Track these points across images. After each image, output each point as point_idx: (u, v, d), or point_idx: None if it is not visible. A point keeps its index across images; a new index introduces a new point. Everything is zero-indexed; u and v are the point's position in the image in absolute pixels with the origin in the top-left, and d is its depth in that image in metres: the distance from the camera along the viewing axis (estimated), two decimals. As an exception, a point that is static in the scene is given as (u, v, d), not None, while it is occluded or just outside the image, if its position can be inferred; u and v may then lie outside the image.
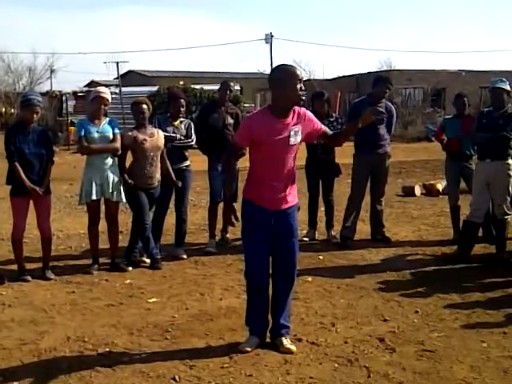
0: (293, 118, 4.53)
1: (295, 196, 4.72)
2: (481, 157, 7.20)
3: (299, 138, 4.58)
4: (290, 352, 4.57)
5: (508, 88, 7.03)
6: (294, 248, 4.73)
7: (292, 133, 4.51)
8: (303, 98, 4.52)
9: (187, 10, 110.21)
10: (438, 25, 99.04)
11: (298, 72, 4.50)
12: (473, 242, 7.25)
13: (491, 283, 6.30)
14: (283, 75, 4.47)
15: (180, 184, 7.26)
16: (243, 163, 5.77)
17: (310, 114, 4.70)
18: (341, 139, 5.05)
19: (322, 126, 4.82)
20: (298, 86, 4.43)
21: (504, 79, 7.13)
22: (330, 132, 4.95)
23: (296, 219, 4.75)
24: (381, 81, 8.17)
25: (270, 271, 4.73)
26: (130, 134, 6.96)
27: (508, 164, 7.02)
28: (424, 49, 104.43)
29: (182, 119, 7.57)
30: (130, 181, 6.86)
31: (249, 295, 4.82)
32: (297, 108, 4.57)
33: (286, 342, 4.65)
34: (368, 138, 7.92)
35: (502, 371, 4.29)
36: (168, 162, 7.17)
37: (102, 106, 6.83)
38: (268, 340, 4.75)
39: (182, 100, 7.50)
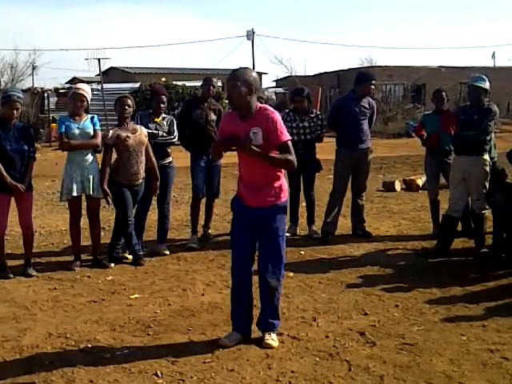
0: (254, 118, 4.47)
1: (279, 195, 4.62)
2: (458, 152, 7.26)
3: (260, 139, 4.42)
4: (270, 347, 4.58)
5: (487, 86, 7.02)
6: (279, 246, 4.66)
7: (251, 133, 4.41)
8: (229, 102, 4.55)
9: (169, 7, 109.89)
10: (419, 21, 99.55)
11: (231, 77, 4.43)
12: (452, 236, 7.31)
13: (470, 277, 6.37)
14: None
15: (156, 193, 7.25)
16: (226, 160, 5.80)
17: (278, 121, 4.49)
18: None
19: (290, 155, 4.59)
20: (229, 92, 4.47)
21: (484, 77, 7.10)
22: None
23: (280, 218, 4.65)
24: (366, 78, 8.11)
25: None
26: (111, 132, 6.92)
27: (484, 159, 7.05)
28: (405, 45, 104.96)
29: (164, 116, 7.56)
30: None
31: (231, 291, 4.84)
32: (265, 110, 4.51)
33: (268, 337, 4.67)
34: (350, 134, 7.95)
35: (481, 364, 4.35)
36: (153, 157, 7.12)
37: (79, 103, 6.78)
38: (255, 334, 4.76)
39: (164, 96, 7.49)
